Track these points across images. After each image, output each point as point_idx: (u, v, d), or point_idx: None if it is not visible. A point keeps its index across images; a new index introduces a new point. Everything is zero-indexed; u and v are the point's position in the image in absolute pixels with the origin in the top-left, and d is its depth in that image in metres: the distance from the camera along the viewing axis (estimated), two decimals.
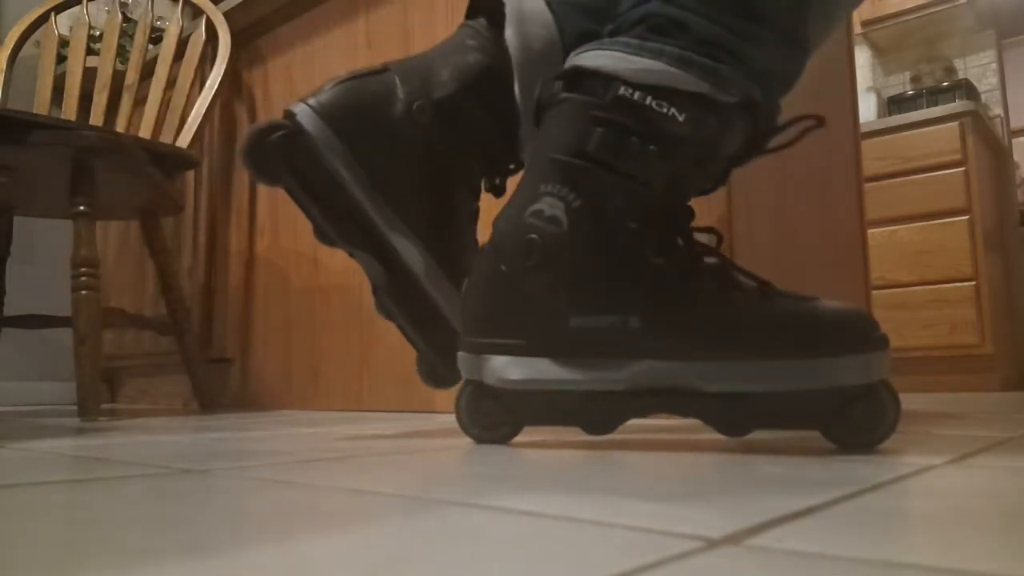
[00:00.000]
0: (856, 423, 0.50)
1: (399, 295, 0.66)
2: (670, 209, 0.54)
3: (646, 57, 0.53)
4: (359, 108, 0.63)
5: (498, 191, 0.71)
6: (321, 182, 0.63)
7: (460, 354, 0.59)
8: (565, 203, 0.53)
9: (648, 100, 0.52)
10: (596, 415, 0.54)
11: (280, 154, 0.62)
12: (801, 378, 0.49)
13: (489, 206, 1.05)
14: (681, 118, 0.52)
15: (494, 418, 0.59)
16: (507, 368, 0.55)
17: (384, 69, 0.65)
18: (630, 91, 0.52)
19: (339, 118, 0.62)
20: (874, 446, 0.50)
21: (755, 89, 0.54)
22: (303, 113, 0.62)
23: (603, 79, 0.53)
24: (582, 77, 0.55)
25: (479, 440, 0.60)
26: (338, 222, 0.64)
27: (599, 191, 0.53)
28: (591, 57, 0.55)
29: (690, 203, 0.56)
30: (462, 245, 0.66)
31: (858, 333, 0.49)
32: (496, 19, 0.65)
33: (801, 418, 0.51)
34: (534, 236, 0.54)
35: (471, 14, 0.69)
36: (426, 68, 0.65)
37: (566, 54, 0.62)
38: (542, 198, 0.54)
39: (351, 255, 0.66)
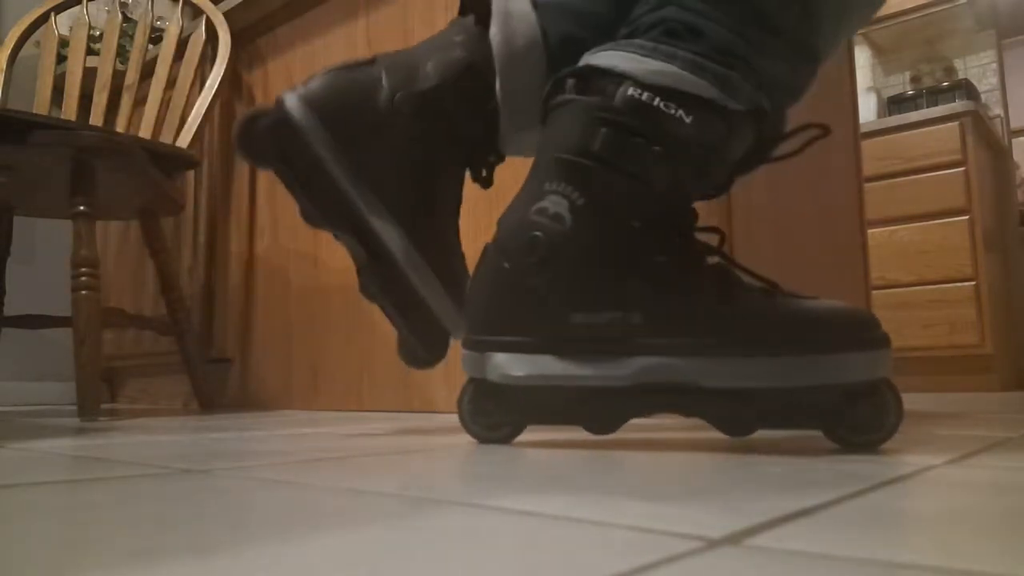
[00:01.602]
0: (859, 422, 0.49)
1: (381, 278, 0.68)
2: (673, 211, 0.55)
3: (659, 59, 0.53)
4: (344, 97, 0.65)
5: (485, 183, 0.72)
6: (306, 166, 0.65)
7: (464, 352, 0.59)
8: (569, 201, 0.54)
9: (656, 101, 0.53)
10: (599, 413, 0.54)
11: (269, 140, 0.66)
12: (804, 375, 0.49)
13: (493, 205, 1.04)
14: (688, 120, 0.52)
15: (496, 417, 0.59)
16: (510, 365, 0.55)
17: (372, 61, 0.68)
18: (639, 91, 0.53)
19: (324, 107, 0.65)
20: (876, 446, 0.50)
21: (764, 98, 0.54)
22: (291, 101, 0.65)
23: (614, 78, 0.54)
24: (594, 75, 0.55)
25: (481, 440, 0.60)
26: (322, 205, 0.67)
27: (603, 190, 0.53)
28: (605, 57, 0.55)
29: (693, 205, 0.56)
30: (443, 233, 0.69)
31: (861, 331, 0.50)
32: (484, 17, 0.67)
33: (804, 416, 0.51)
34: (538, 233, 0.54)
35: (463, 11, 0.70)
36: (412, 61, 0.67)
37: (548, 55, 0.64)
38: (547, 196, 0.55)
39: (336, 236, 0.69)
